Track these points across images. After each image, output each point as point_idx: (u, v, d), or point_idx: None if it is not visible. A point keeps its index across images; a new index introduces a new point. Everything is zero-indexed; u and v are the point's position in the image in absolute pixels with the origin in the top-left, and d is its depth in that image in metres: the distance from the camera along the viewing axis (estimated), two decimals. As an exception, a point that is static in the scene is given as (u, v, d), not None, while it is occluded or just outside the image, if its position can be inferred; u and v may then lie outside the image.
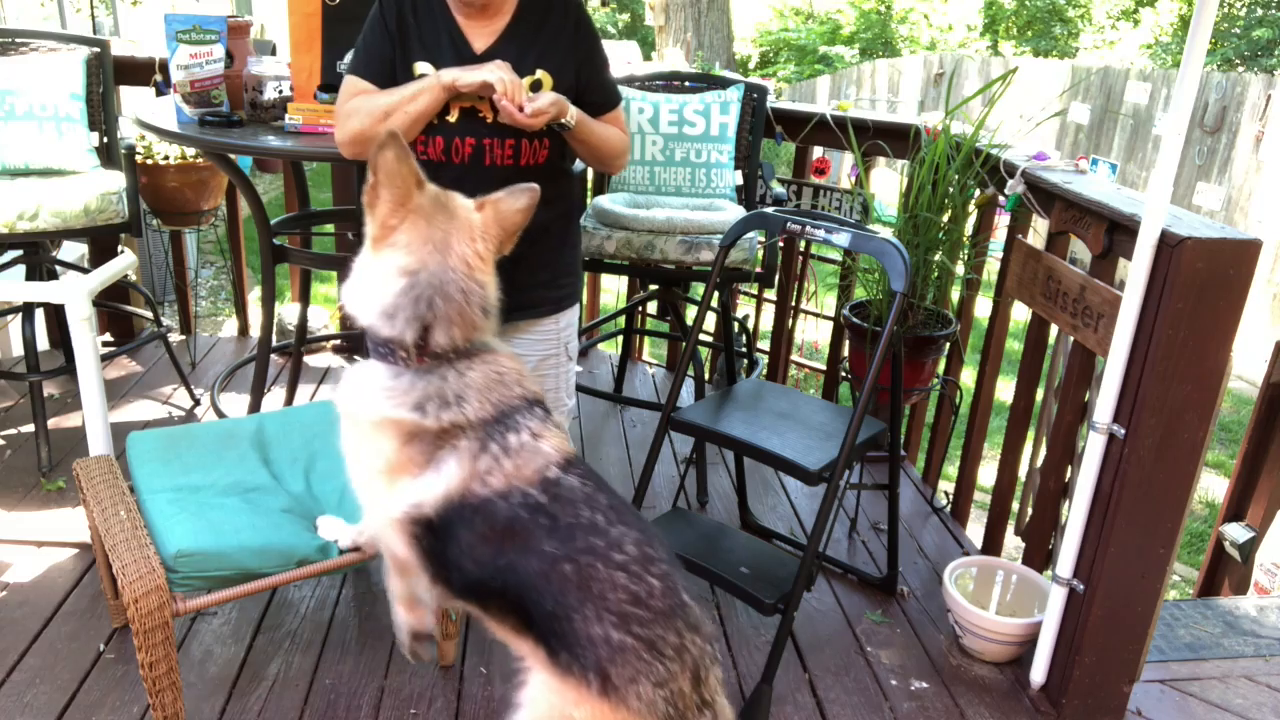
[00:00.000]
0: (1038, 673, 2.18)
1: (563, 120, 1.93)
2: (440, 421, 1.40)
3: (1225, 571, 3.10)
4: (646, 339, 4.09)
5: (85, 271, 2.92)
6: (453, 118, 1.92)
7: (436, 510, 1.40)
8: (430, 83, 1.86)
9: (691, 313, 3.04)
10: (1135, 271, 1.85)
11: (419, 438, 1.41)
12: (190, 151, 3.26)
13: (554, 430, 1.48)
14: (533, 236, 2.06)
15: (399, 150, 1.41)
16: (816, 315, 3.73)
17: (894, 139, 2.94)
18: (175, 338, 3.83)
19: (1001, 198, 2.47)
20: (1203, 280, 1.79)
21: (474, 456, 1.40)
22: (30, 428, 2.97)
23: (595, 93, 2.07)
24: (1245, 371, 5.90)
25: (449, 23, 1.95)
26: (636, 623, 1.31)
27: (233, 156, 2.77)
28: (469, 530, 1.39)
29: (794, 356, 3.76)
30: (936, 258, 2.66)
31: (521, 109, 1.82)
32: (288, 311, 3.79)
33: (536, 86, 1.95)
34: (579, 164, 3.20)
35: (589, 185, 3.45)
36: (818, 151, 3.50)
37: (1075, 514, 2.04)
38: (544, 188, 2.06)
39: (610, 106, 2.11)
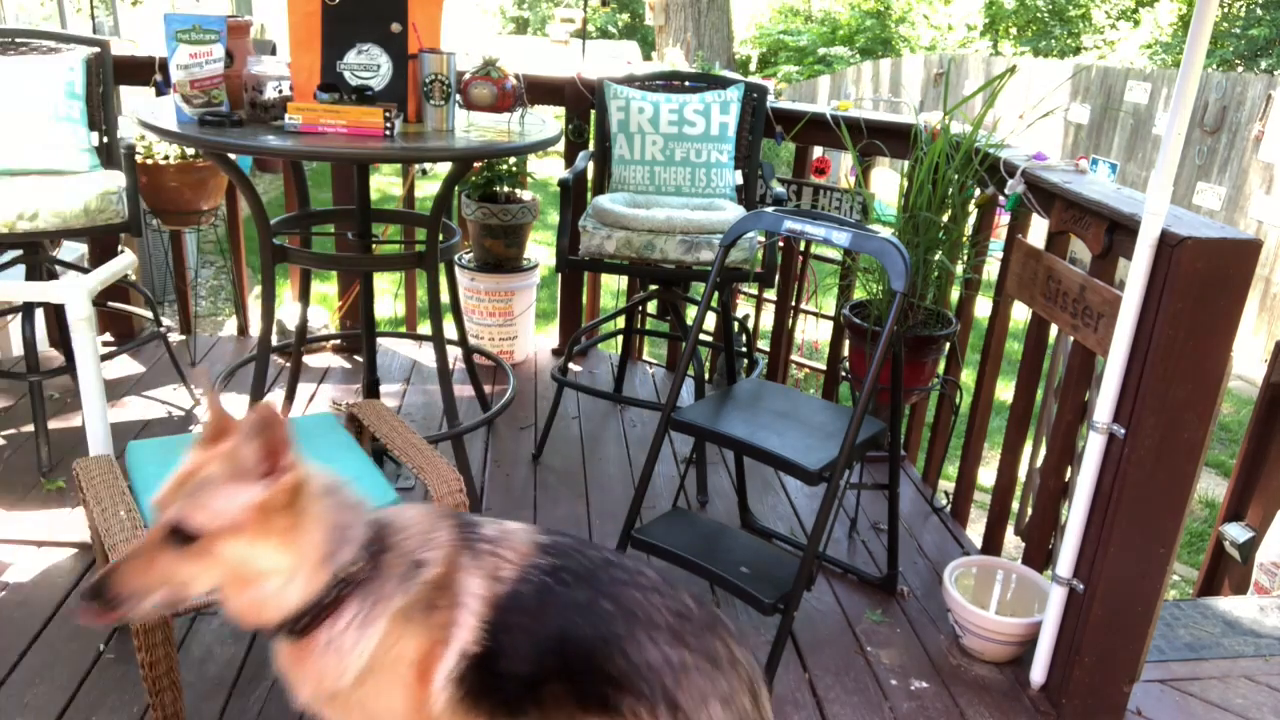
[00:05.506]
0: (1038, 672, 2.18)
1: None
2: None
3: (1225, 571, 3.10)
4: (646, 339, 4.08)
5: (85, 271, 2.92)
6: None
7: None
8: None
9: (691, 312, 3.04)
10: (1135, 271, 1.85)
11: None
12: (190, 151, 3.26)
13: None
14: None
15: None
16: (816, 315, 3.73)
17: (893, 139, 2.94)
18: (175, 337, 3.83)
19: (1001, 197, 2.47)
20: (1203, 280, 1.79)
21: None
22: (30, 428, 2.97)
23: None
24: (1245, 371, 5.90)
25: None
26: (690, 634, 1.29)
27: (233, 156, 2.77)
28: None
29: (794, 356, 3.76)
30: (936, 257, 2.66)
31: None
32: (288, 312, 3.78)
33: None
34: (579, 163, 3.21)
35: (589, 185, 3.45)
36: (818, 151, 3.50)
37: (1075, 514, 2.04)
38: None
39: None
